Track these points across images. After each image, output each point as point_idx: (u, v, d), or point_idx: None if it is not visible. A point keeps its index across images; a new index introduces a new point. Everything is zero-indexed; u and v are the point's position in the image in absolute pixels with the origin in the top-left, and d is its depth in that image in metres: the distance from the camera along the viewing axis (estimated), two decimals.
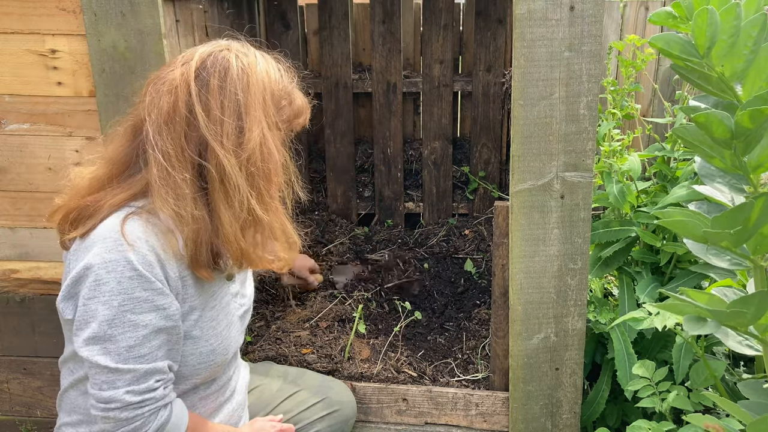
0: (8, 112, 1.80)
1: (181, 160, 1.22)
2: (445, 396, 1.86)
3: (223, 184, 1.23)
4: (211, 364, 1.36)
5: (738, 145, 0.88)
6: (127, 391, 1.19)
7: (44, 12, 1.70)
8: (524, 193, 1.59)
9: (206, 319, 1.34)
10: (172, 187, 1.21)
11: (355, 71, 2.75)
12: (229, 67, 1.25)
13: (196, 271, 1.27)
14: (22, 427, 2.09)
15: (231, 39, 1.35)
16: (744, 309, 0.91)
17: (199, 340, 1.32)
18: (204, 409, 1.43)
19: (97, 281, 1.17)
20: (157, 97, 1.24)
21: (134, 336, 1.19)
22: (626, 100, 2.02)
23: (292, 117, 1.39)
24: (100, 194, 1.26)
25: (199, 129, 1.22)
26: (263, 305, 2.30)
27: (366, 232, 2.80)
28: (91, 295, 1.18)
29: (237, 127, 1.23)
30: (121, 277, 1.17)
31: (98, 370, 1.19)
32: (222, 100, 1.23)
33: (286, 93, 1.35)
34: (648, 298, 1.79)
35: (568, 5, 1.47)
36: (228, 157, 1.22)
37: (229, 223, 1.24)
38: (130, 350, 1.19)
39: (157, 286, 1.20)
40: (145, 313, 1.20)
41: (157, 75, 1.29)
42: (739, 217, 0.87)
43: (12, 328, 2.01)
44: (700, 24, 0.84)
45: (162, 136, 1.22)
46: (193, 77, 1.23)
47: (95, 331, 1.18)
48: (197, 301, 1.31)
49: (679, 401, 1.57)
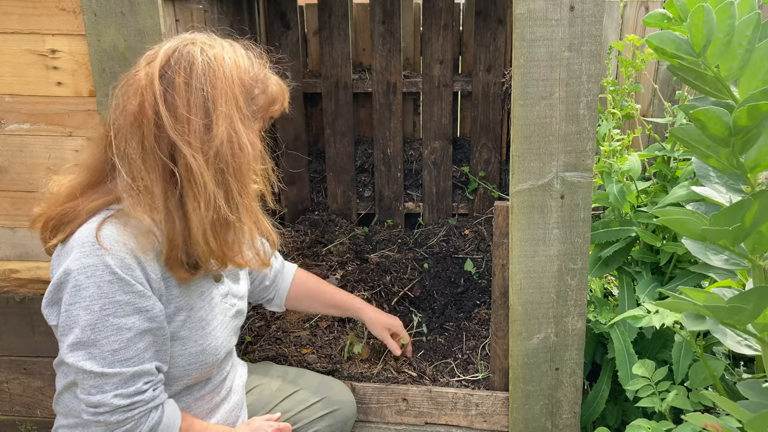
0: (8, 112, 1.80)
1: (150, 163, 1.20)
2: (445, 396, 1.86)
3: (191, 184, 1.19)
4: (202, 365, 1.36)
5: (736, 142, 0.88)
6: (115, 395, 1.19)
7: (44, 12, 1.70)
8: (524, 193, 1.59)
9: (194, 319, 1.33)
10: (142, 192, 1.19)
11: (355, 71, 2.76)
12: (194, 63, 1.21)
13: (174, 272, 1.26)
14: (22, 427, 2.09)
15: (196, 31, 1.31)
16: (742, 305, 0.91)
17: (187, 340, 1.32)
18: (199, 410, 1.42)
19: (77, 286, 1.17)
20: (123, 101, 1.22)
21: (118, 339, 1.19)
22: (626, 100, 2.02)
23: (267, 104, 1.34)
24: (77, 201, 1.25)
25: (166, 130, 1.18)
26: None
27: (366, 232, 2.80)
28: (72, 301, 1.18)
29: (204, 124, 1.20)
30: (101, 282, 1.17)
31: (85, 375, 1.19)
32: (188, 97, 1.20)
33: (258, 81, 1.30)
34: (648, 298, 1.79)
35: (568, 5, 1.47)
36: (195, 155, 1.18)
37: (197, 224, 1.21)
38: (115, 354, 1.19)
39: (138, 288, 1.20)
40: (128, 316, 1.19)
41: (124, 77, 1.26)
42: (737, 215, 0.87)
43: (12, 328, 2.01)
44: (696, 22, 0.84)
45: (127, 141, 1.20)
46: (157, 77, 1.20)
47: (78, 336, 1.18)
48: (183, 301, 1.31)
49: (679, 401, 1.57)
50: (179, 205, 1.22)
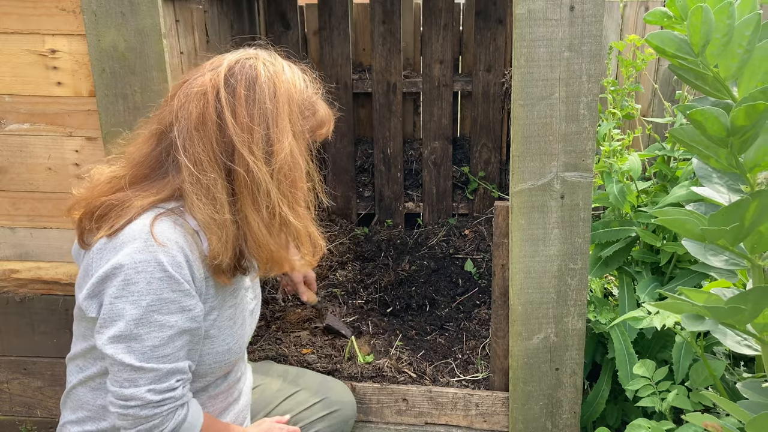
0: (8, 112, 1.80)
1: (212, 165, 1.24)
2: (445, 396, 1.86)
3: (251, 190, 1.24)
4: (226, 363, 1.38)
5: (734, 142, 0.88)
6: (148, 390, 1.20)
7: (44, 12, 1.70)
8: (524, 193, 1.59)
9: (224, 318, 1.35)
10: (204, 192, 1.23)
11: (355, 71, 2.75)
12: (257, 76, 1.27)
13: (217, 276, 1.29)
14: (22, 427, 2.09)
15: (259, 48, 1.37)
16: (742, 305, 0.91)
17: (216, 339, 1.33)
18: (213, 408, 1.43)
19: (126, 281, 1.18)
20: (186, 102, 1.25)
21: (160, 336, 1.20)
22: (626, 100, 2.02)
23: (315, 127, 1.42)
24: (124, 194, 1.26)
25: (228, 134, 1.23)
26: (263, 305, 2.30)
27: (366, 232, 2.80)
28: (119, 294, 1.19)
29: (266, 135, 1.25)
30: (151, 278, 1.18)
31: (121, 368, 1.20)
32: (250, 107, 1.25)
33: (310, 103, 1.38)
34: (648, 298, 1.79)
35: (568, 5, 1.47)
36: (257, 163, 1.24)
37: (258, 227, 1.26)
38: (154, 350, 1.20)
39: (185, 287, 1.22)
40: (172, 314, 1.21)
41: (185, 79, 1.30)
42: (736, 215, 0.87)
43: (12, 328, 2.01)
44: (694, 22, 0.84)
45: (193, 141, 1.24)
46: (222, 83, 1.25)
47: (122, 329, 1.19)
48: (216, 300, 1.32)
49: (679, 401, 1.57)
50: (235, 208, 1.27)
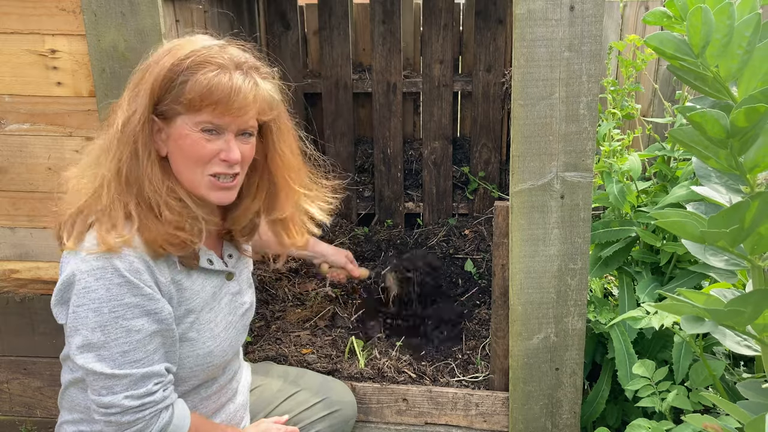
0: (8, 112, 1.80)
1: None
2: (445, 396, 1.86)
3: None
4: (209, 366, 1.36)
5: (734, 144, 0.88)
6: (126, 396, 1.20)
7: (44, 12, 1.70)
8: (524, 193, 1.59)
9: (203, 321, 1.34)
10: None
11: (355, 71, 2.75)
12: None
13: (186, 262, 1.29)
14: (22, 427, 2.10)
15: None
16: (742, 308, 0.91)
17: (195, 342, 1.33)
18: (206, 409, 1.43)
19: (86, 288, 1.18)
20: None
21: (127, 341, 1.20)
22: (626, 100, 2.02)
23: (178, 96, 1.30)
24: (86, 202, 1.26)
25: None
26: (263, 305, 2.30)
27: (366, 232, 2.80)
28: (80, 302, 1.18)
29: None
30: (110, 284, 1.18)
31: (96, 377, 1.20)
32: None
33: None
34: (648, 298, 1.79)
35: (568, 5, 1.46)
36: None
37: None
38: (124, 355, 1.19)
39: (147, 291, 1.21)
40: (137, 318, 1.20)
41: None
42: (735, 217, 0.87)
43: (12, 328, 2.01)
44: (694, 22, 0.83)
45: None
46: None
47: (87, 338, 1.18)
48: (195, 302, 1.32)
49: (679, 401, 1.57)
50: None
